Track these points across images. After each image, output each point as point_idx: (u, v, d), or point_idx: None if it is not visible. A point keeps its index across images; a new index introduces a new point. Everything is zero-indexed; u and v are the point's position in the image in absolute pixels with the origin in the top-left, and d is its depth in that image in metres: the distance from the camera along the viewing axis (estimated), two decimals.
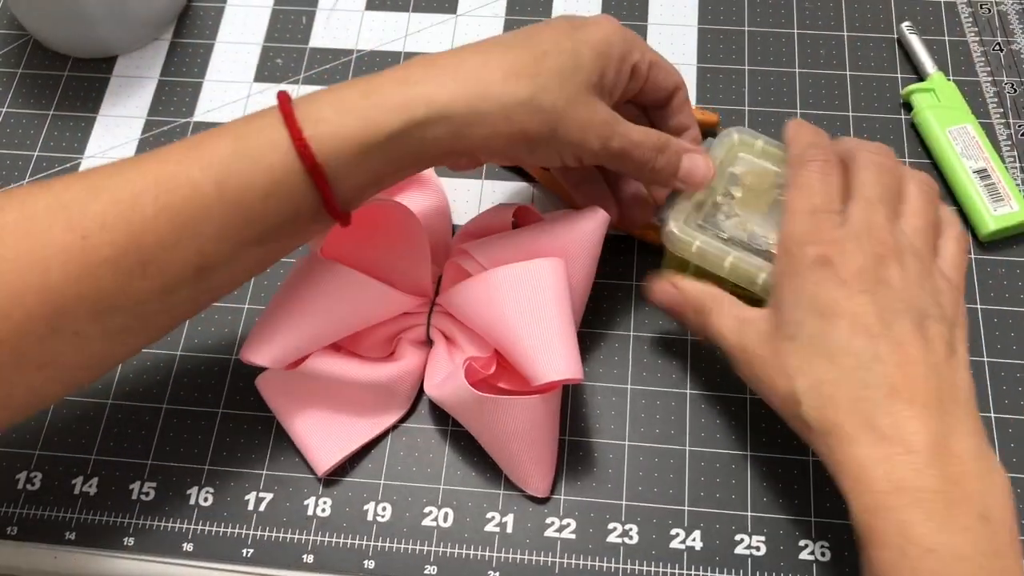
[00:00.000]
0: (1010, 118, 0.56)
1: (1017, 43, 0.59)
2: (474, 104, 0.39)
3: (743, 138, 0.48)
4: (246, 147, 0.38)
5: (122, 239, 0.37)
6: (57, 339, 0.37)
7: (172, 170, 0.38)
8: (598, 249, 0.47)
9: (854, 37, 0.60)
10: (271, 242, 0.40)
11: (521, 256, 0.46)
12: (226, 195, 0.38)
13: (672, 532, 0.47)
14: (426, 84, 0.40)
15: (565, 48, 0.41)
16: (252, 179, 0.38)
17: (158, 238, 0.37)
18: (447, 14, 0.63)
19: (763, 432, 0.49)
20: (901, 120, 0.57)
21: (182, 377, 0.52)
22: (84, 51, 0.62)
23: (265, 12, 0.63)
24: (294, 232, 0.41)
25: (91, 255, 0.37)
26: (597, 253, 0.47)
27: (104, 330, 0.38)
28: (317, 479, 0.48)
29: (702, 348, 0.51)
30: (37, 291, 0.36)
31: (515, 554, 0.46)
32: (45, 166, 0.58)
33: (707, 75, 0.59)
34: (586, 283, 0.48)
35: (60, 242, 0.37)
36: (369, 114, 0.39)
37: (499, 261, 0.46)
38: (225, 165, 0.38)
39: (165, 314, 0.40)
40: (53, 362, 0.38)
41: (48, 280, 0.36)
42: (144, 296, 0.38)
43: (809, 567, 0.45)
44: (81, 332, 0.38)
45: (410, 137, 0.39)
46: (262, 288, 0.54)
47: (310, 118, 0.38)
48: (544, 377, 0.43)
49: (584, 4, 0.62)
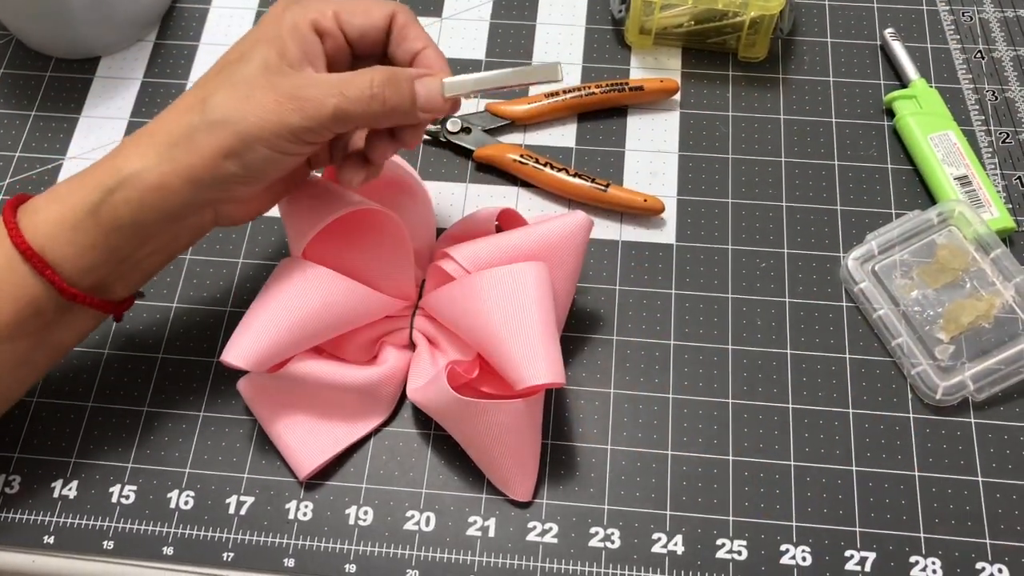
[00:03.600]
0: (991, 125, 0.57)
1: (998, 51, 0.59)
2: (160, 157, 0.40)
3: (964, 214, 0.50)
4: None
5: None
6: None
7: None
8: (582, 253, 0.47)
9: (838, 43, 0.60)
10: (20, 339, 0.42)
11: (504, 260, 0.46)
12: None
13: (654, 536, 0.47)
14: (121, 154, 0.41)
15: (233, 54, 0.42)
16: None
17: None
18: (433, 17, 0.63)
19: (745, 436, 0.49)
20: (884, 126, 0.57)
21: (163, 380, 0.51)
22: (67, 51, 0.62)
23: (249, 14, 0.63)
24: (44, 326, 0.42)
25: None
26: (581, 257, 0.47)
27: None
28: (299, 483, 0.48)
29: (685, 354, 0.51)
30: None
31: (496, 558, 0.46)
32: (26, 167, 0.58)
33: (690, 79, 0.59)
34: (569, 287, 0.48)
35: None
36: (72, 194, 0.41)
37: (482, 265, 0.46)
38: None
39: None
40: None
41: None
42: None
43: (790, 571, 0.46)
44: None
45: (110, 206, 0.41)
46: (244, 291, 0.54)
47: (26, 211, 0.42)
48: (527, 381, 0.43)
49: (569, 9, 0.62)
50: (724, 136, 0.57)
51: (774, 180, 0.56)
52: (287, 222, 0.47)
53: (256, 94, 0.40)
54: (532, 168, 0.55)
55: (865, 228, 0.54)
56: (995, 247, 0.51)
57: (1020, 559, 0.45)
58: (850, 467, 0.48)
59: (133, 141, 0.42)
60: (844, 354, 0.51)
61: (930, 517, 0.47)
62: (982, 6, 0.61)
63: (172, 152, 0.40)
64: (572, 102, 0.57)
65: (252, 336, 0.44)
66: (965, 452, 0.48)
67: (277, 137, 0.40)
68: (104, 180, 0.41)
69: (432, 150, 0.58)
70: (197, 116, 0.40)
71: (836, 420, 0.49)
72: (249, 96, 0.40)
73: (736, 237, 0.54)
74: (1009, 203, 0.54)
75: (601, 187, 0.54)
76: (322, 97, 0.40)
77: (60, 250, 0.41)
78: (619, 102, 0.58)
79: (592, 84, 0.58)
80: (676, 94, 0.58)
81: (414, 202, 0.52)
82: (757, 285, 0.53)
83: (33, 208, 0.42)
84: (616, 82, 0.58)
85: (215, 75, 0.41)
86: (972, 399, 0.49)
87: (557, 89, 0.58)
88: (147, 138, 0.41)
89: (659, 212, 0.54)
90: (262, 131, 0.39)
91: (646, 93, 0.58)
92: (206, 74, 0.42)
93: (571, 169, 0.55)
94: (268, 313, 0.45)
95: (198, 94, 0.41)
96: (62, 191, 0.42)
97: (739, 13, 0.57)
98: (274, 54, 0.41)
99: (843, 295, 0.52)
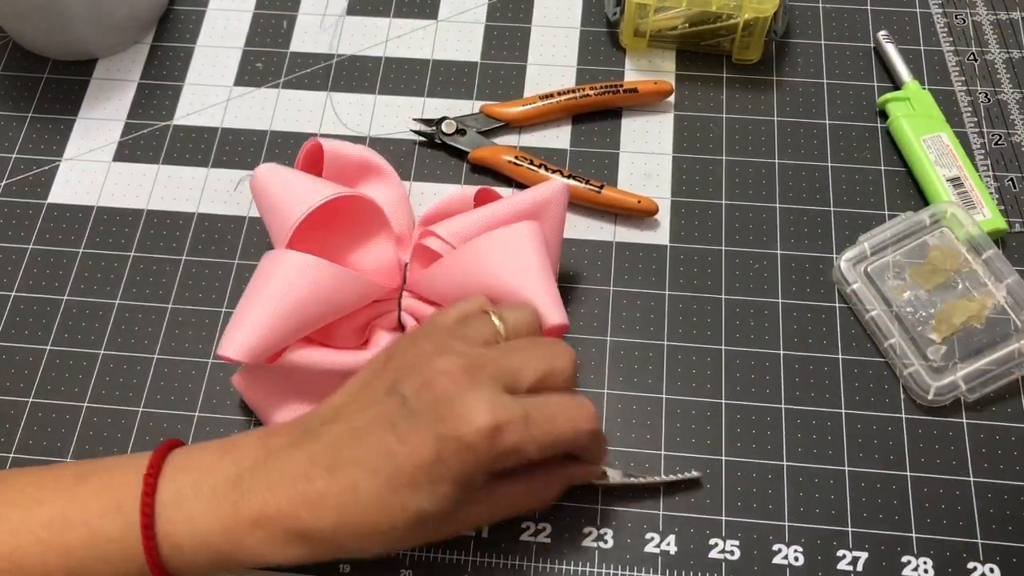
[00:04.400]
0: (984, 127, 0.57)
1: (991, 53, 0.60)
2: (333, 555, 0.40)
3: (957, 215, 0.51)
4: (101, 549, 0.39)
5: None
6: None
7: (27, 548, 0.39)
8: (562, 221, 0.49)
9: (831, 46, 0.60)
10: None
11: (489, 231, 0.47)
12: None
13: (647, 536, 0.47)
14: (283, 540, 0.39)
15: (413, 502, 0.38)
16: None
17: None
18: (428, 20, 0.63)
19: (738, 437, 0.49)
20: (877, 128, 0.57)
21: (158, 380, 0.52)
22: (64, 53, 0.62)
23: (246, 16, 0.64)
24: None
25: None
26: (562, 225, 0.49)
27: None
28: None
29: (679, 354, 0.51)
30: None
31: (490, 558, 0.46)
32: (23, 168, 0.58)
33: (685, 82, 0.59)
34: (556, 250, 0.49)
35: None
36: (224, 554, 0.39)
37: (468, 238, 0.47)
38: (79, 560, 0.39)
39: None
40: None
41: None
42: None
43: (783, 571, 0.46)
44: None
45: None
46: (239, 292, 0.54)
47: (167, 540, 0.39)
48: (548, 323, 0.44)
49: (564, 11, 0.63)
50: (718, 138, 0.57)
51: (767, 181, 0.56)
52: (266, 217, 0.48)
53: (427, 530, 0.40)
54: (527, 169, 0.55)
55: (858, 229, 0.54)
56: (987, 248, 0.51)
57: (1011, 559, 0.46)
58: (843, 467, 0.48)
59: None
60: (837, 355, 0.51)
61: (922, 517, 0.47)
62: (975, 9, 0.61)
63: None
64: (566, 104, 0.58)
65: (246, 328, 0.44)
66: (957, 452, 0.48)
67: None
68: (270, 540, 0.39)
69: (426, 151, 0.58)
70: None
71: (829, 420, 0.49)
72: (423, 530, 0.40)
73: (729, 238, 0.54)
74: (1001, 204, 0.54)
75: (595, 188, 0.54)
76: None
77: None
78: (613, 104, 0.58)
79: (587, 86, 0.58)
80: (670, 96, 0.58)
81: (387, 185, 0.53)
82: (750, 286, 0.53)
83: (176, 538, 0.39)
84: (610, 84, 0.58)
85: (411, 488, 0.38)
86: (964, 399, 0.49)
87: (552, 91, 0.58)
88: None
89: (653, 213, 0.54)
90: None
91: (640, 95, 0.58)
92: (387, 455, 0.39)
93: (565, 171, 0.55)
94: (259, 304, 0.45)
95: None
96: (214, 541, 0.39)
97: (733, 15, 0.57)
98: (457, 491, 0.39)
99: (836, 296, 0.52)
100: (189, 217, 0.56)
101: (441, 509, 0.38)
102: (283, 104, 0.60)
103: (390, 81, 0.60)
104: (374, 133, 0.59)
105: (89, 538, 0.39)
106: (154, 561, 0.39)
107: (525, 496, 0.42)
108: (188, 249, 0.55)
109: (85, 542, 0.39)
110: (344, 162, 0.52)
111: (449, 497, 0.38)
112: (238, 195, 0.57)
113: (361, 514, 0.38)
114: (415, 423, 0.38)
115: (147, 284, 0.54)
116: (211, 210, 0.56)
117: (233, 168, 0.58)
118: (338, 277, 0.46)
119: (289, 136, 0.59)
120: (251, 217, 0.56)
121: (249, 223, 0.56)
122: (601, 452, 0.44)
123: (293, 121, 0.59)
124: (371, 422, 0.39)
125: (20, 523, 0.39)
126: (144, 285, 0.54)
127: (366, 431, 0.39)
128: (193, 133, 0.59)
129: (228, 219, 0.56)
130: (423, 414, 0.38)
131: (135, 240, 0.56)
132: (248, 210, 0.56)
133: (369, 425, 0.39)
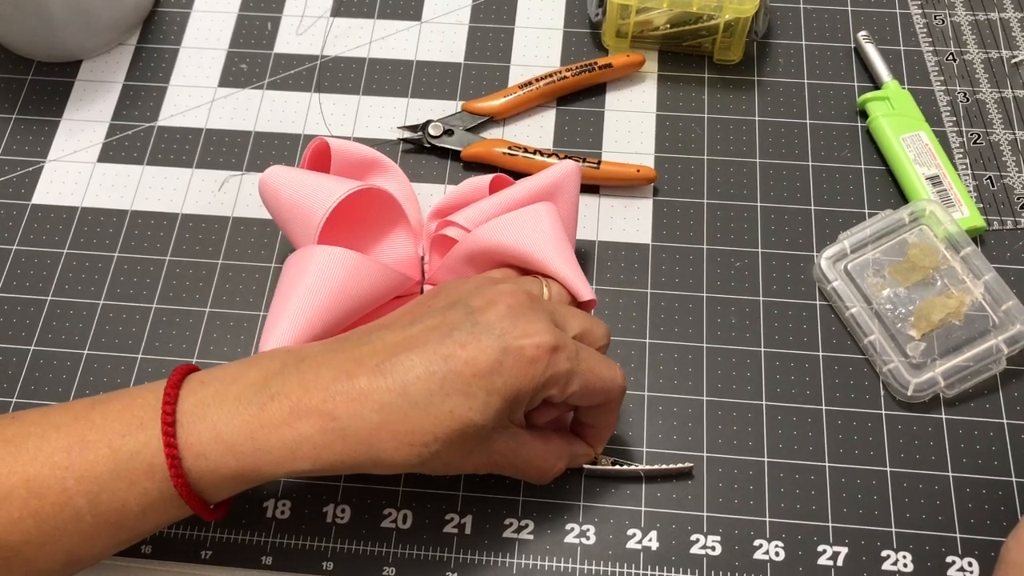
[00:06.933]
0: (962, 126, 0.58)
1: (969, 53, 0.60)
2: (361, 464, 0.39)
3: (935, 213, 0.51)
4: (123, 468, 0.38)
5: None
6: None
7: (44, 474, 0.37)
8: (577, 197, 0.50)
9: (812, 46, 0.61)
10: (140, 538, 0.40)
11: (507, 213, 0.47)
12: (99, 508, 0.38)
13: (628, 532, 0.47)
14: (314, 440, 0.38)
15: (463, 408, 0.38)
16: (126, 499, 0.38)
17: (24, 537, 0.37)
18: (412, 21, 0.63)
19: (719, 433, 0.49)
20: (857, 127, 0.58)
21: (142, 379, 0.52)
22: (48, 55, 0.62)
23: (231, 18, 0.64)
24: (159, 526, 0.40)
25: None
26: (577, 201, 0.50)
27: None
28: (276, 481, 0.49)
29: (660, 352, 0.52)
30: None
31: (473, 555, 0.47)
32: (7, 170, 0.58)
33: (666, 82, 0.60)
34: (573, 230, 0.50)
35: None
36: (250, 460, 0.38)
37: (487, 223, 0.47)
38: (100, 483, 0.38)
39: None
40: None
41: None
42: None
43: (764, 566, 0.46)
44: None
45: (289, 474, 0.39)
46: (223, 292, 0.54)
47: (191, 450, 0.38)
48: (579, 299, 0.45)
49: (547, 12, 0.63)
50: (700, 137, 0.58)
51: (749, 181, 0.56)
52: (284, 217, 0.48)
53: (467, 458, 0.40)
54: (523, 158, 0.56)
55: (838, 228, 0.54)
56: (965, 245, 0.52)
57: (990, 553, 0.46)
58: (823, 463, 0.48)
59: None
60: (817, 352, 0.51)
61: (901, 512, 0.47)
62: (954, 9, 0.62)
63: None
64: (546, 89, 0.58)
65: (287, 323, 0.44)
66: (936, 448, 0.49)
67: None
68: (296, 463, 0.39)
69: (419, 157, 0.58)
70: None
71: (809, 417, 0.50)
72: (461, 458, 0.40)
73: (711, 237, 0.55)
74: (979, 202, 0.55)
75: (593, 165, 0.55)
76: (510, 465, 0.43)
77: (214, 492, 0.39)
78: (591, 82, 0.59)
79: (563, 68, 0.59)
80: (643, 66, 0.59)
81: (395, 181, 0.54)
82: (732, 284, 0.53)
83: (199, 447, 0.38)
84: (586, 63, 0.59)
85: (440, 420, 0.38)
86: (943, 395, 0.50)
87: (530, 78, 0.59)
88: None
89: (652, 180, 0.55)
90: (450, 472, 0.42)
91: (616, 69, 0.59)
92: (418, 387, 0.38)
93: (560, 153, 0.56)
94: (297, 298, 0.45)
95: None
96: (239, 448, 0.38)
97: (714, 16, 0.57)
98: (493, 423, 0.39)
99: (816, 294, 0.53)
100: (173, 218, 0.56)
101: (486, 423, 0.38)
102: (267, 105, 0.60)
103: (374, 82, 0.61)
104: (358, 134, 0.59)
105: (110, 458, 0.37)
106: (177, 472, 0.37)
107: (537, 456, 0.43)
108: (172, 249, 0.55)
109: (106, 463, 0.37)
110: (351, 160, 0.52)
111: (496, 411, 0.38)
112: (222, 196, 0.57)
113: (406, 416, 0.37)
114: (477, 332, 0.39)
115: (131, 284, 0.54)
116: (195, 211, 0.57)
117: (217, 169, 0.58)
118: (372, 268, 0.46)
119: (273, 137, 0.59)
120: (235, 217, 0.56)
121: (233, 223, 0.56)
122: (612, 426, 0.46)
123: (277, 122, 0.59)
124: (429, 329, 0.39)
125: (36, 450, 0.38)
126: (128, 285, 0.54)
127: (422, 337, 0.39)
128: (177, 134, 0.59)
129: (212, 219, 0.56)
130: (486, 325, 0.39)
131: (119, 240, 0.56)
132: (232, 210, 0.56)
133: (426, 332, 0.39)
